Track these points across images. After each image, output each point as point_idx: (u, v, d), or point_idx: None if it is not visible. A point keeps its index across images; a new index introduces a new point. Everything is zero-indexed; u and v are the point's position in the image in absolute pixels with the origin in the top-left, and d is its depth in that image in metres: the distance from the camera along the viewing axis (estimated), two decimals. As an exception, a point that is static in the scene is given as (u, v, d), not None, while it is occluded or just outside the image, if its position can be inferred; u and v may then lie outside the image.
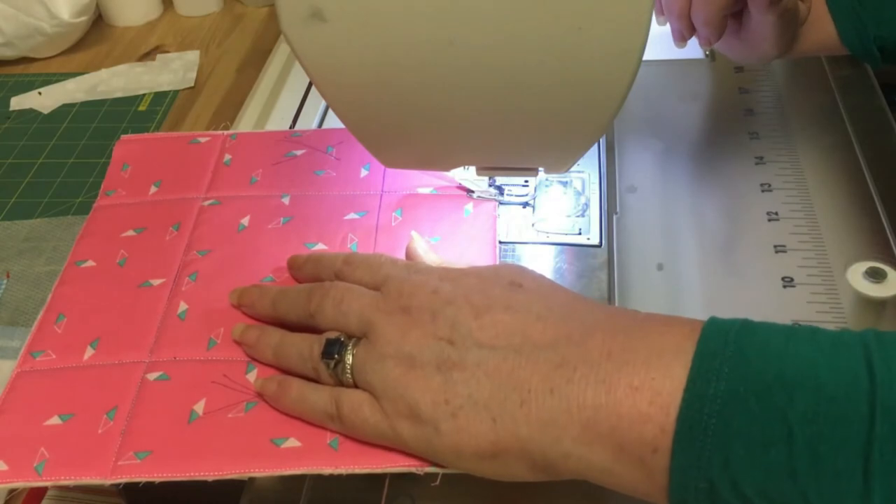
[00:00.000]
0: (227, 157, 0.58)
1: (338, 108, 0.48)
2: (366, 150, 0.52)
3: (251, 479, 0.43)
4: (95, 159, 0.77)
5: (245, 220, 0.53)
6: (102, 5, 0.95)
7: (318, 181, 0.56)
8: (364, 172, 0.56)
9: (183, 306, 0.49)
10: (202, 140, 0.60)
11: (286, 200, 0.55)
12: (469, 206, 0.54)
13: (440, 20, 0.40)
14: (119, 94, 0.84)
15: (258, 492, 0.43)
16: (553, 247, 0.55)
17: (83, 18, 0.89)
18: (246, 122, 0.67)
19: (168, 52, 0.91)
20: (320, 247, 0.52)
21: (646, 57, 0.41)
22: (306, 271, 0.49)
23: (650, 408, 0.34)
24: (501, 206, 0.55)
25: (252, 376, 0.45)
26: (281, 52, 0.76)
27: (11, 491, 0.50)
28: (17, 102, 0.84)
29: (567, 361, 0.37)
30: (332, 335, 0.42)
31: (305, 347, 0.43)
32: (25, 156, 0.77)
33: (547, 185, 0.58)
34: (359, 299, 0.43)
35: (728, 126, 0.65)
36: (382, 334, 0.41)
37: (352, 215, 0.53)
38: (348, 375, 0.41)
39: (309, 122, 0.66)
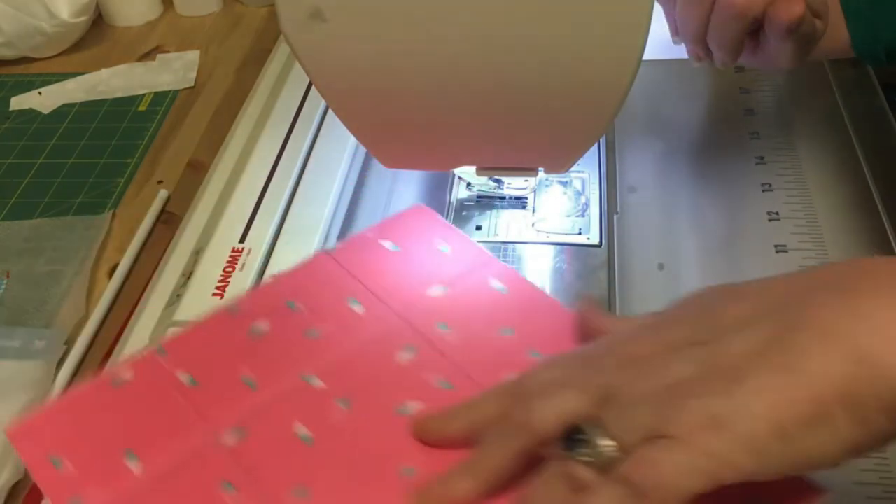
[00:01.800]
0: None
1: (337, 108, 0.48)
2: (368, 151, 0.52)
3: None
4: (95, 159, 0.77)
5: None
6: (102, 5, 0.95)
7: None
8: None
9: None
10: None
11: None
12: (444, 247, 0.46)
13: (440, 20, 0.40)
14: (119, 94, 0.84)
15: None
16: (553, 247, 0.55)
17: (83, 18, 0.89)
18: (246, 122, 0.66)
19: (168, 52, 0.91)
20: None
21: (646, 57, 0.41)
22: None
23: None
24: (501, 206, 0.55)
25: None
26: (281, 52, 0.75)
27: (11, 491, 0.50)
28: (17, 102, 0.84)
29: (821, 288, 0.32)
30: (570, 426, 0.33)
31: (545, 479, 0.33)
32: (25, 156, 0.77)
33: (547, 185, 0.58)
34: (569, 383, 0.34)
35: (728, 126, 0.65)
36: (622, 387, 0.33)
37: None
38: (610, 445, 0.32)
39: (309, 122, 0.66)
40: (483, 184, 0.55)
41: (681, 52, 0.61)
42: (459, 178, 0.55)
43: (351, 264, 0.45)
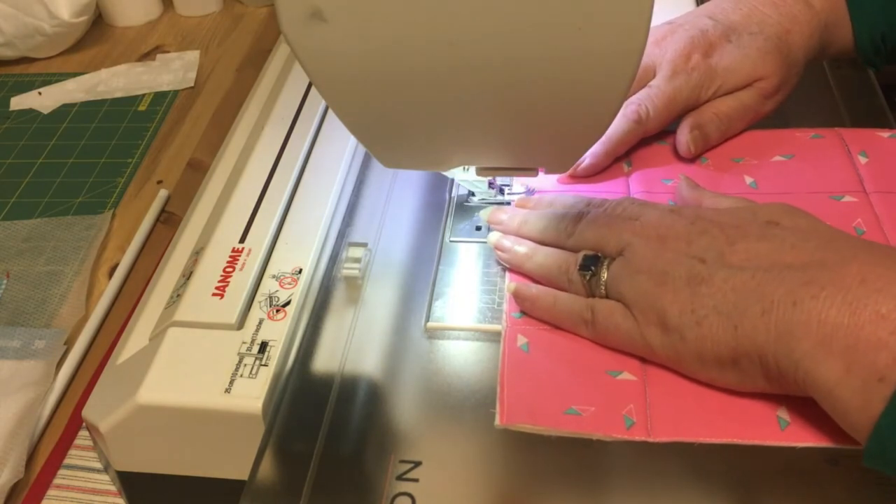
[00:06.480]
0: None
1: (337, 108, 0.48)
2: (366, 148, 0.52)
3: (251, 480, 0.43)
4: (95, 159, 0.77)
5: None
6: (102, 5, 0.95)
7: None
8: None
9: None
10: None
11: None
12: None
13: (440, 20, 0.40)
14: (119, 94, 0.85)
15: (258, 492, 0.43)
16: (553, 247, 0.55)
17: (83, 18, 0.89)
18: (246, 122, 0.67)
19: (168, 52, 0.91)
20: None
21: (646, 57, 0.41)
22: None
23: (890, 337, 0.34)
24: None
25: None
26: (281, 52, 0.76)
27: (11, 491, 0.50)
28: (17, 102, 0.84)
29: (816, 280, 0.37)
30: (590, 252, 0.46)
31: (563, 261, 0.47)
32: (25, 156, 0.77)
33: (547, 186, 0.58)
34: (620, 225, 0.46)
35: (728, 126, 0.65)
36: (638, 253, 0.44)
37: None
38: (602, 288, 0.44)
39: (309, 122, 0.66)
40: (484, 192, 0.55)
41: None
42: (460, 185, 0.55)
43: None
